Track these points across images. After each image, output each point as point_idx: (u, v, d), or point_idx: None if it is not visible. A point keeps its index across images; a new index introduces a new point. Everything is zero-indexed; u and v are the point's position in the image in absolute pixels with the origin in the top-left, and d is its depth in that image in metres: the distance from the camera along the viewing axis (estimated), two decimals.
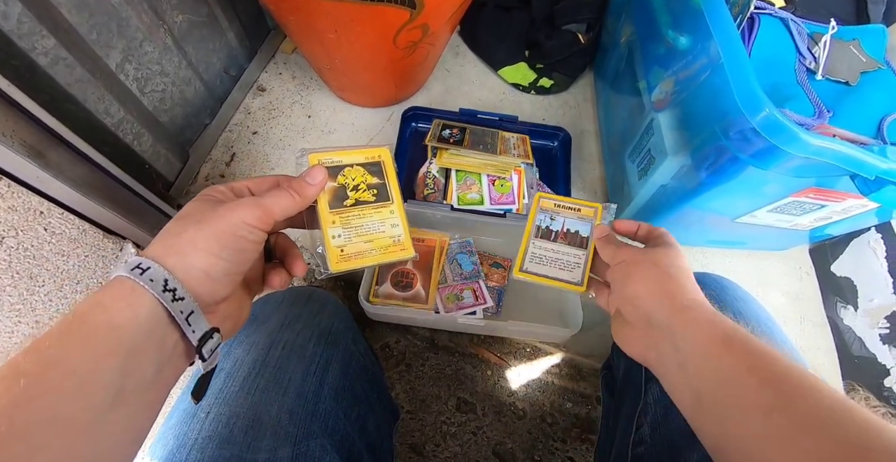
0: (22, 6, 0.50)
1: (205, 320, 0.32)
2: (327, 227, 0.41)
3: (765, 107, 0.44)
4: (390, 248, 0.43)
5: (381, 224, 0.43)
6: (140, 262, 0.30)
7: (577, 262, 0.55)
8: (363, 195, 0.43)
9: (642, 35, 0.72)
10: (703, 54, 0.53)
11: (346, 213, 0.42)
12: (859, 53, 0.61)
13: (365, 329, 0.80)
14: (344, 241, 0.41)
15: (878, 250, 0.80)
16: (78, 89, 0.58)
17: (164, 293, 0.30)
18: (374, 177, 0.43)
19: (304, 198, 0.38)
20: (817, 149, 0.44)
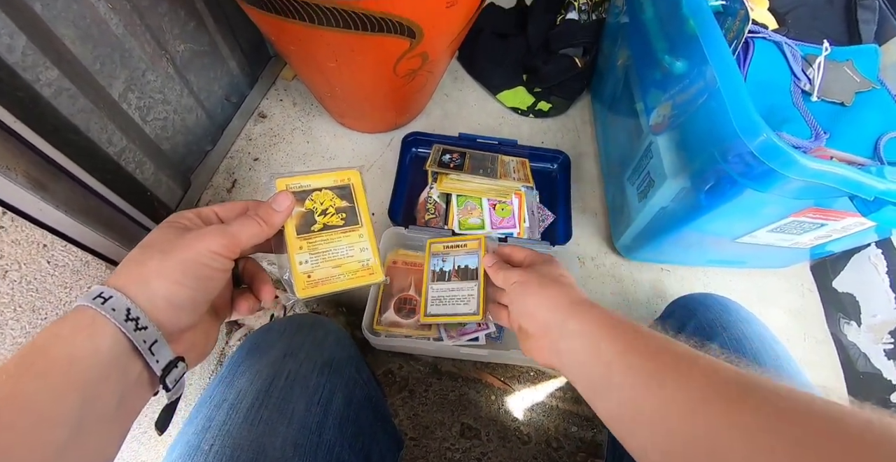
0: (26, 39, 0.50)
1: (169, 349, 0.32)
2: (294, 252, 0.41)
3: (762, 131, 0.44)
4: (359, 272, 0.43)
5: (349, 248, 0.43)
6: (102, 291, 0.30)
7: (471, 294, 0.63)
8: (331, 219, 0.43)
9: (638, 59, 0.73)
10: (699, 79, 0.54)
11: (313, 239, 0.42)
12: (853, 74, 0.62)
13: (367, 355, 0.80)
14: (311, 267, 0.41)
15: (879, 266, 0.80)
16: (81, 119, 0.58)
17: (126, 322, 0.30)
18: (342, 200, 0.44)
19: (270, 225, 0.39)
20: (815, 172, 0.45)
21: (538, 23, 0.96)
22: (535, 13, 0.98)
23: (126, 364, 0.30)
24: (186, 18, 0.74)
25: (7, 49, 0.49)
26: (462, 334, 0.74)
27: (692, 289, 0.84)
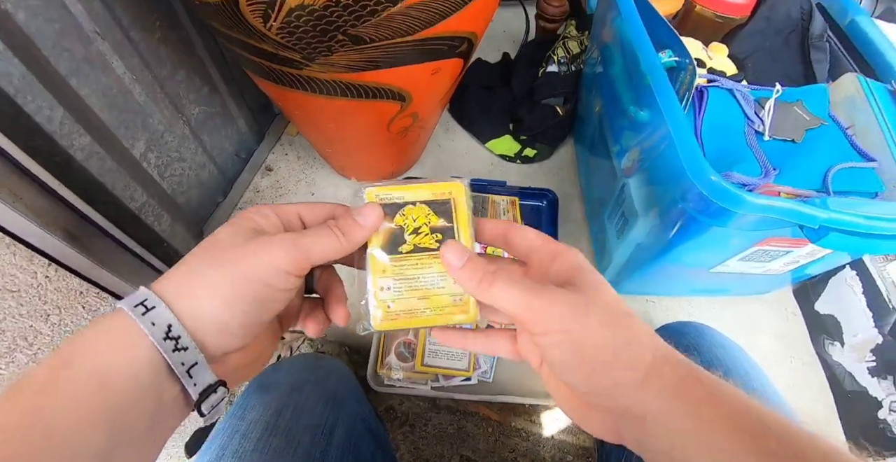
0: (63, 110, 0.58)
1: (210, 373, 0.29)
2: (376, 276, 0.34)
3: (709, 175, 0.50)
4: (447, 308, 0.35)
5: (441, 278, 0.35)
6: (146, 299, 0.27)
7: (463, 352, 0.70)
8: (424, 240, 0.35)
9: (609, 109, 0.80)
10: (660, 127, 0.60)
11: (400, 262, 0.35)
12: (803, 113, 0.68)
13: (369, 392, 0.84)
14: (393, 296, 0.34)
15: (855, 287, 0.84)
16: (108, 178, 0.65)
17: (165, 341, 0.26)
18: (440, 218, 0.35)
19: (350, 242, 0.32)
20: (761, 206, 0.50)
21: (522, 76, 1.05)
22: (519, 67, 1.07)
23: (161, 384, 0.27)
24: (201, 84, 0.82)
25: (47, 120, 0.56)
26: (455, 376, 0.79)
27: (677, 318, 0.88)
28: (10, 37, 0.51)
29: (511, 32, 1.21)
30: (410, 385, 0.77)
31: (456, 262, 0.33)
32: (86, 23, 0.59)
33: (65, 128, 0.58)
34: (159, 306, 0.27)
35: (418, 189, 0.36)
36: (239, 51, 0.57)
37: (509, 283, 0.30)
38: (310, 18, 0.47)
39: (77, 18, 0.58)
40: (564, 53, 1.01)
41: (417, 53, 0.55)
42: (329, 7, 0.45)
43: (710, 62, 0.77)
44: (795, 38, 0.84)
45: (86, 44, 0.60)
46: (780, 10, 0.83)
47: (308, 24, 0.47)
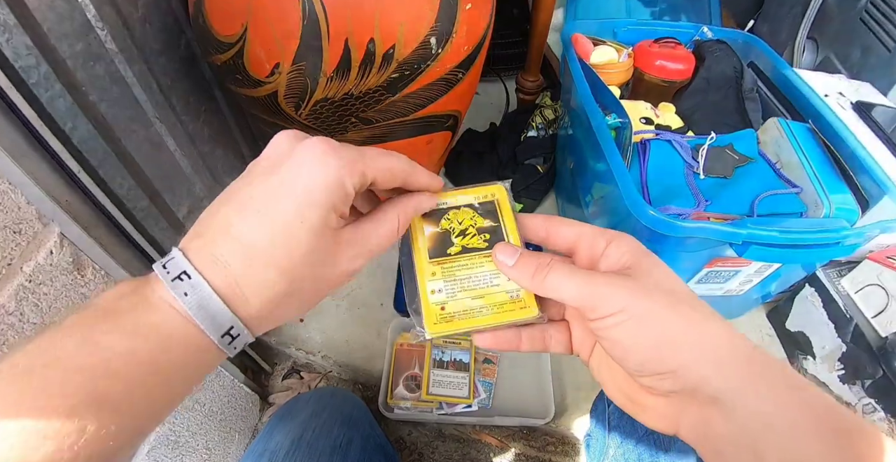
0: (131, 179, 0.72)
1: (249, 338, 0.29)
2: (425, 279, 0.34)
3: (646, 209, 0.63)
4: (506, 305, 0.33)
5: (493, 276, 0.34)
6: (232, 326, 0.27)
7: (464, 381, 0.86)
8: (472, 241, 0.35)
9: (577, 164, 0.94)
10: (612, 176, 0.74)
11: (449, 263, 0.34)
12: (733, 154, 0.81)
13: (380, 423, 0.92)
14: (445, 297, 0.33)
15: (815, 303, 0.93)
16: (159, 235, 0.79)
17: (223, 337, 0.27)
18: (486, 219, 0.35)
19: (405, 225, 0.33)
20: (691, 229, 0.62)
21: (506, 141, 1.21)
22: (503, 134, 1.23)
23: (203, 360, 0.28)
24: (234, 158, 0.97)
25: (119, 186, 0.70)
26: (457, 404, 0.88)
27: None
28: (96, 122, 0.66)
29: (497, 104, 1.38)
30: (417, 412, 0.87)
31: (508, 261, 0.33)
32: (149, 109, 0.75)
33: (131, 193, 0.72)
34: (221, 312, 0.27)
35: (461, 194, 0.36)
36: (271, 131, 0.73)
37: (565, 271, 0.30)
38: (330, 107, 0.62)
39: (143, 106, 0.73)
40: (542, 120, 1.18)
41: (414, 129, 0.71)
42: (345, 98, 0.61)
43: (658, 119, 0.92)
44: (732, 93, 0.99)
45: (147, 126, 0.75)
46: (715, 71, 0.99)
47: (329, 111, 0.63)
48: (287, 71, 0.60)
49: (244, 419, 0.89)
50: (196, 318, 0.26)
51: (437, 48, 0.63)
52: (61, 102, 0.59)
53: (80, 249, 0.52)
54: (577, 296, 0.30)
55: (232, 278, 0.27)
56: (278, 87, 0.62)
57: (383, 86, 0.62)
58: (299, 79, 0.60)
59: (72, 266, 0.49)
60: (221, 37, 0.61)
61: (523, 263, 0.32)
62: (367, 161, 0.29)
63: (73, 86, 0.61)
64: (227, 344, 0.28)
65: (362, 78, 0.60)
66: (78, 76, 0.62)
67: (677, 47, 1.00)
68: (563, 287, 0.30)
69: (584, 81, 0.82)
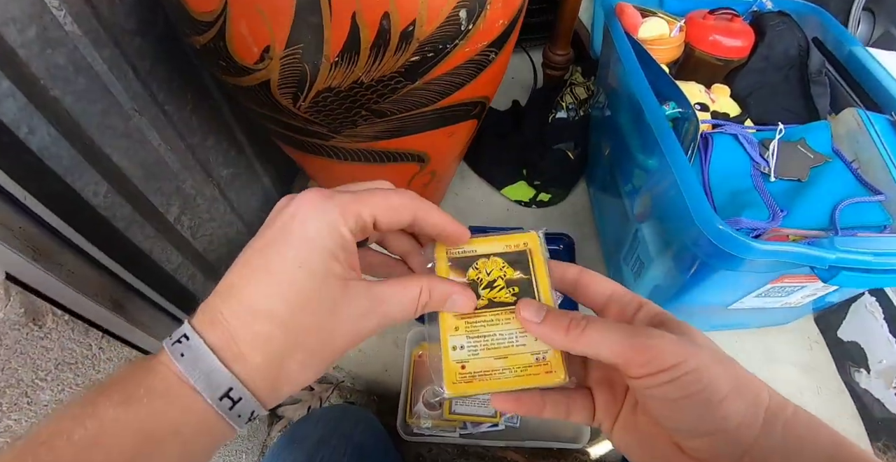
0: (107, 185, 0.62)
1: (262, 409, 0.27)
2: (447, 334, 0.32)
3: (716, 224, 0.52)
4: (531, 368, 0.31)
5: (520, 335, 0.32)
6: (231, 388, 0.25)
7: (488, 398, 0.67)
8: (500, 295, 0.33)
9: (618, 153, 0.83)
10: (667, 175, 0.62)
11: (473, 318, 0.32)
12: (807, 151, 0.70)
13: (398, 440, 0.85)
14: (468, 355, 0.31)
15: (875, 313, 0.85)
16: (146, 244, 0.69)
17: (221, 401, 0.25)
18: (516, 271, 0.33)
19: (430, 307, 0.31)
20: (768, 253, 0.52)
21: (532, 122, 1.09)
22: (529, 114, 1.11)
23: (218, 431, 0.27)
24: (228, 147, 0.86)
25: (93, 195, 0.60)
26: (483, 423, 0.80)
27: None
28: (59, 121, 0.55)
29: (519, 79, 1.25)
30: (439, 433, 0.79)
31: (534, 318, 0.30)
32: (125, 101, 0.64)
33: (108, 200, 0.62)
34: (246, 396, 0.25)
35: (491, 242, 0.34)
36: (269, 124, 0.61)
37: (606, 325, 0.28)
38: (336, 98, 0.51)
39: (117, 98, 0.63)
40: (572, 99, 1.05)
41: (435, 120, 0.59)
42: (354, 88, 0.50)
43: (714, 105, 0.80)
44: (795, 74, 0.87)
45: (125, 120, 0.64)
46: (777, 49, 0.87)
47: (334, 103, 0.51)
48: (280, 55, 0.48)
49: (251, 438, 0.82)
50: (190, 376, 0.25)
51: (467, 24, 0.51)
52: (11, 103, 0.49)
53: (36, 291, 0.42)
54: (621, 350, 0.27)
55: (228, 334, 0.26)
56: (270, 76, 0.51)
57: (400, 71, 0.50)
58: (296, 65, 0.49)
59: (24, 318, 0.40)
60: (197, 14, 0.49)
61: (553, 319, 0.30)
62: (363, 201, 0.28)
63: (27, 80, 0.50)
64: (227, 409, 0.25)
65: (374, 62, 0.49)
66: (33, 68, 0.51)
67: (734, 20, 0.87)
68: (606, 341, 0.28)
69: (634, 62, 0.70)
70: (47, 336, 0.42)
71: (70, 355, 0.44)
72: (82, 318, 0.47)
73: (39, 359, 0.42)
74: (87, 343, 0.46)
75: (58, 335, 0.43)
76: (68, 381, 0.44)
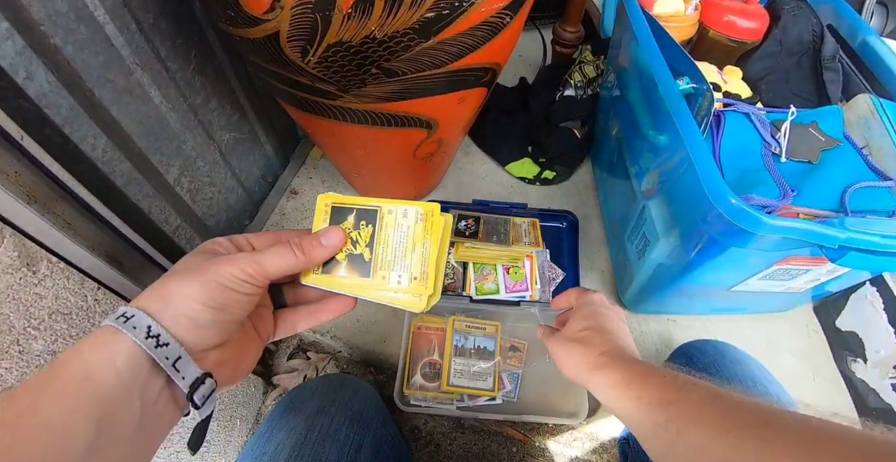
0: (106, 138, 0.60)
1: (195, 366, 0.31)
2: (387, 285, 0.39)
3: (729, 198, 0.51)
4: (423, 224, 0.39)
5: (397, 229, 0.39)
6: (125, 311, 0.30)
7: (488, 372, 0.79)
8: (362, 235, 0.40)
9: (628, 132, 0.82)
10: (678, 151, 0.62)
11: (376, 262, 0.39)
12: (818, 134, 0.70)
13: (395, 411, 0.84)
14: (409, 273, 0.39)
15: (875, 303, 0.84)
16: (145, 203, 0.68)
17: (147, 339, 0.29)
18: (347, 218, 0.40)
19: (309, 258, 0.37)
20: (780, 228, 0.51)
21: (539, 100, 1.07)
22: (536, 91, 1.09)
23: (146, 382, 0.30)
24: (231, 111, 0.85)
25: (91, 148, 0.59)
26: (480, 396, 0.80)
27: (698, 337, 0.88)
28: (59, 70, 0.54)
29: (528, 57, 1.24)
30: (436, 405, 0.78)
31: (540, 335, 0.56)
32: (127, 55, 0.62)
33: (107, 155, 0.61)
34: (138, 314, 0.30)
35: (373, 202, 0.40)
36: (274, 82, 0.60)
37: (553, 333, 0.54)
38: (346, 54, 0.49)
39: (119, 51, 0.61)
40: (581, 77, 1.04)
41: (446, 84, 0.58)
42: (365, 43, 0.48)
43: (726, 86, 0.79)
44: (808, 60, 0.86)
45: (126, 74, 0.63)
46: (791, 33, 0.85)
47: (344, 59, 0.50)
48: (291, 5, 0.46)
49: (246, 405, 0.82)
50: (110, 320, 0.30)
51: None
52: (10, 46, 0.47)
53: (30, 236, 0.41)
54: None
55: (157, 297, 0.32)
56: (280, 27, 0.49)
57: (414, 28, 0.49)
58: (307, 16, 0.47)
59: (18, 262, 0.39)
60: None
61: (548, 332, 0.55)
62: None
63: (27, 25, 0.49)
64: (153, 347, 0.30)
65: (389, 16, 0.47)
66: (33, 13, 0.49)
67: (750, 2, 0.86)
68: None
69: (649, 36, 0.68)
70: (41, 282, 0.41)
71: (64, 305, 0.43)
72: (78, 269, 0.45)
73: (32, 306, 0.40)
74: (82, 294, 0.45)
75: (52, 283, 0.42)
76: (62, 331, 0.43)
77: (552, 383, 0.81)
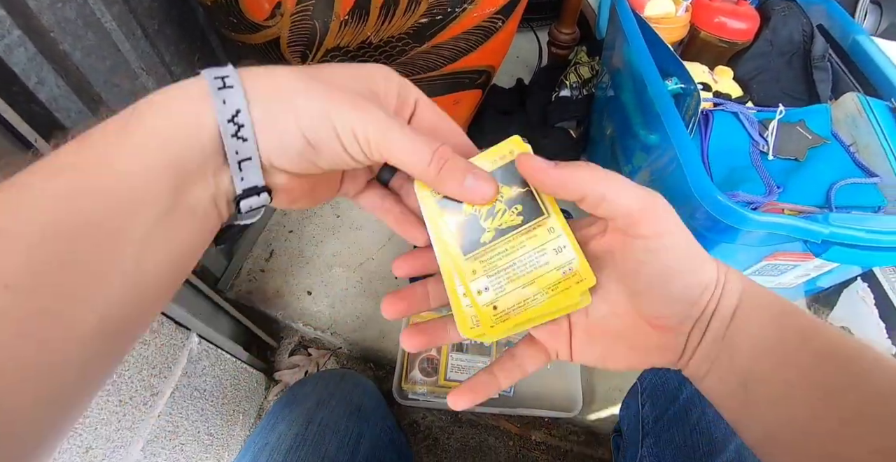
0: None
1: (260, 174, 0.26)
2: (467, 281, 0.29)
3: (715, 195, 0.53)
4: (561, 284, 0.28)
5: (539, 254, 0.29)
6: (228, 75, 0.24)
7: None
8: (504, 220, 0.29)
9: (621, 131, 0.84)
10: (668, 150, 0.63)
11: (487, 255, 0.29)
12: (805, 132, 0.71)
13: (393, 406, 0.86)
14: (495, 295, 0.29)
15: (867, 299, 0.86)
16: None
17: (228, 124, 0.24)
18: (511, 186, 0.29)
19: (438, 179, 0.27)
20: (765, 224, 0.53)
21: (535, 100, 1.09)
22: (533, 91, 1.11)
23: (220, 166, 0.25)
24: None
25: None
26: None
27: None
28: (68, 75, 0.56)
29: (524, 58, 1.25)
30: (434, 399, 0.80)
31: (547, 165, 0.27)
32: (133, 60, 0.64)
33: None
34: (237, 87, 0.24)
35: (482, 161, 0.29)
36: None
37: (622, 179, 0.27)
38: (344, 58, 0.51)
39: (125, 56, 0.63)
40: (576, 78, 1.05)
41: (440, 87, 0.60)
42: (362, 48, 0.50)
43: (716, 85, 0.81)
44: (798, 60, 0.88)
45: (132, 79, 0.65)
46: (781, 34, 0.87)
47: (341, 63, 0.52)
48: (291, 12, 0.49)
49: (248, 400, 0.84)
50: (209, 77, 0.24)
51: None
52: (22, 53, 0.49)
53: None
54: (636, 203, 0.26)
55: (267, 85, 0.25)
56: (280, 33, 0.51)
57: (409, 33, 0.51)
58: (306, 22, 0.49)
59: None
60: None
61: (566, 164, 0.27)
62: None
63: (38, 32, 0.51)
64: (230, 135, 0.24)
65: (384, 22, 0.49)
66: (44, 20, 0.51)
67: (741, 3, 0.88)
68: (625, 190, 0.27)
69: (639, 38, 0.70)
70: None
71: None
72: None
73: None
74: None
75: None
76: None
77: (547, 378, 0.83)
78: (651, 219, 0.27)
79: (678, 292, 0.28)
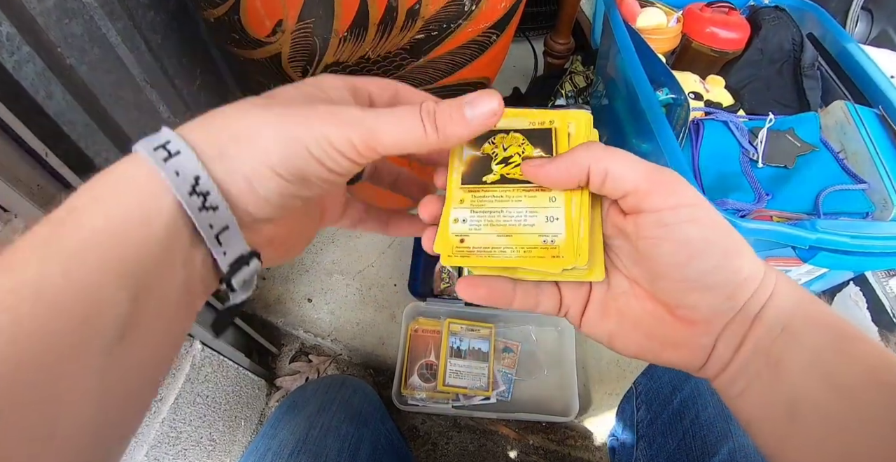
0: (117, 152, 0.64)
1: (242, 240, 0.23)
2: (451, 205, 0.29)
3: None
4: (535, 250, 0.28)
5: (530, 214, 0.28)
6: (169, 140, 0.21)
7: (482, 372, 0.81)
8: (514, 172, 0.29)
9: (615, 140, 0.85)
10: (659, 159, 0.65)
11: (481, 192, 0.29)
12: (795, 140, 0.73)
13: (393, 411, 0.88)
14: (468, 229, 0.28)
15: (859, 302, 0.87)
16: None
17: (190, 197, 0.20)
18: (536, 148, 0.29)
19: (444, 137, 0.24)
20: (753, 230, 0.55)
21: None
22: (529, 101, 1.13)
23: (187, 249, 0.22)
24: None
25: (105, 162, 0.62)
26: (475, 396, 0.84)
27: None
28: (75, 89, 0.58)
29: (521, 67, 1.27)
30: (433, 404, 0.82)
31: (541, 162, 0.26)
32: (137, 73, 0.66)
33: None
34: (185, 152, 0.21)
35: (516, 116, 0.30)
36: None
37: (626, 155, 0.25)
38: (343, 72, 0.53)
39: (130, 70, 0.65)
40: (572, 87, 1.07)
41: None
42: (360, 63, 0.52)
43: (708, 94, 0.82)
44: (788, 68, 0.89)
45: (136, 92, 0.67)
46: (772, 42, 0.89)
47: None
48: (292, 29, 0.50)
49: (250, 405, 0.85)
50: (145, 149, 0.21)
51: (470, 5, 0.53)
52: (31, 68, 0.51)
53: None
54: (646, 176, 0.24)
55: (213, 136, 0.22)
56: (282, 49, 0.53)
57: (406, 48, 0.53)
58: (306, 39, 0.51)
59: None
60: None
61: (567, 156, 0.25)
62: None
63: (45, 47, 0.52)
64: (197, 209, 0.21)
65: (381, 38, 0.51)
66: (51, 36, 0.53)
67: (731, 13, 0.89)
68: (629, 166, 0.24)
69: (631, 49, 0.72)
70: None
71: None
72: None
73: None
74: None
75: None
76: None
77: (544, 383, 0.84)
78: (662, 190, 0.24)
79: (703, 275, 0.24)
